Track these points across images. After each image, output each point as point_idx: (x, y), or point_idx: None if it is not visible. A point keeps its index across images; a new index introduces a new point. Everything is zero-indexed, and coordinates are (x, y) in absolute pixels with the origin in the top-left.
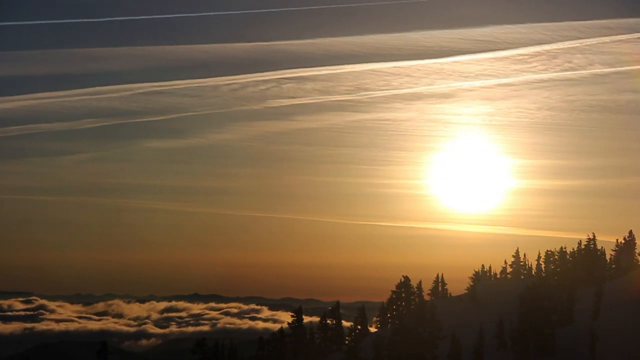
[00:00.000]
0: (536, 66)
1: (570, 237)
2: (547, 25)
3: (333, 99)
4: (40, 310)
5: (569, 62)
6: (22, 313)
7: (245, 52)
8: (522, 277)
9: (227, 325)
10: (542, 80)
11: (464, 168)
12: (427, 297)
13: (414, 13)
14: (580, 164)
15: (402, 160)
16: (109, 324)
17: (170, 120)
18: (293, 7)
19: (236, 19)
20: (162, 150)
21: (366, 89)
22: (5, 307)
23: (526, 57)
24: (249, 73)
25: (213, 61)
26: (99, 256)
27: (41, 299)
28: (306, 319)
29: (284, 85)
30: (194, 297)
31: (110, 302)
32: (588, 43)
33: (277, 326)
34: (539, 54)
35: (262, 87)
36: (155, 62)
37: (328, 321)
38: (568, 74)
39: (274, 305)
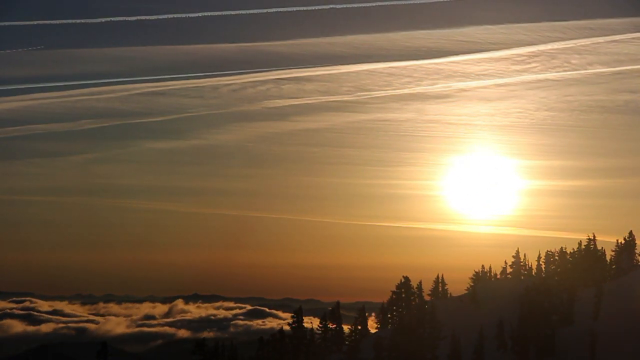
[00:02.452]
0: (536, 66)
1: (571, 238)
2: (527, 25)
3: (332, 99)
4: (40, 311)
5: (567, 62)
6: (22, 313)
7: (241, 53)
8: (522, 277)
9: (227, 326)
10: (538, 81)
11: (464, 169)
12: (427, 298)
13: (392, 15)
14: (580, 165)
15: (402, 161)
16: (109, 324)
17: (170, 121)
18: (289, 8)
19: (233, 20)
20: (162, 150)
21: (363, 90)
22: (5, 307)
23: (523, 57)
24: (247, 74)
25: (211, 62)
26: (98, 256)
27: (41, 299)
28: (306, 320)
29: (283, 86)
30: (194, 298)
31: (110, 302)
32: (582, 43)
33: (277, 327)
34: (534, 54)
35: (261, 88)
36: (155, 62)
37: (328, 322)
38: (566, 74)
39: (274, 306)
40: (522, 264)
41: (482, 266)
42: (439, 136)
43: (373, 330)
